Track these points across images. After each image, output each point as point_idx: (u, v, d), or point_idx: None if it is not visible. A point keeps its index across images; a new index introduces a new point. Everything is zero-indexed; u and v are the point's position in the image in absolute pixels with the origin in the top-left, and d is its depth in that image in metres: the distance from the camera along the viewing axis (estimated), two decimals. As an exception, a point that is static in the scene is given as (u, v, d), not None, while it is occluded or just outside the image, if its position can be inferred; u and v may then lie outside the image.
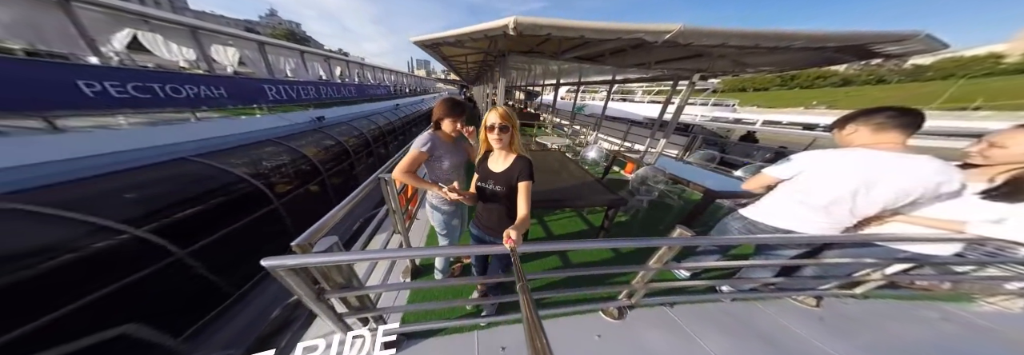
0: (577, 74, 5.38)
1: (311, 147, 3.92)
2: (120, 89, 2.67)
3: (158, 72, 3.20)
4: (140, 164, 2.27)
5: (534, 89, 12.97)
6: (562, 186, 1.98)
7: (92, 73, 2.53)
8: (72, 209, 1.66)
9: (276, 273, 0.65)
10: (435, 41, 1.90)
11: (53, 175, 1.87)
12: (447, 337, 1.13)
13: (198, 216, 2.19)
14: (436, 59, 3.87)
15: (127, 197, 1.98)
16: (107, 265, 1.65)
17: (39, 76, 2.26)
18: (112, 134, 2.50)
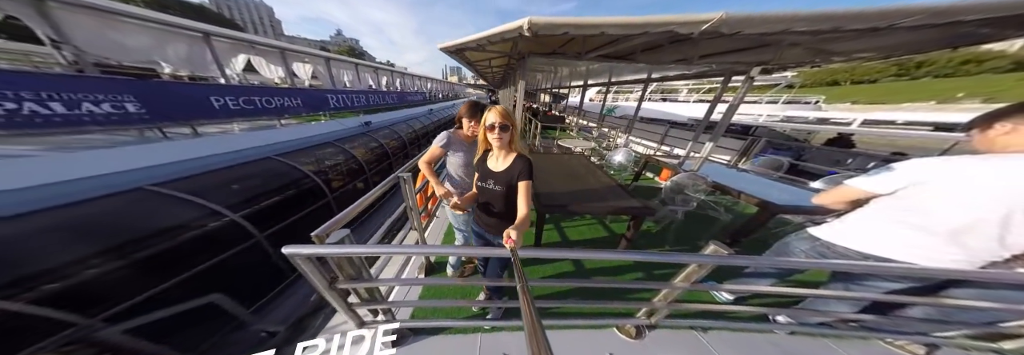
0: (607, 74, 5.13)
1: (359, 148, 4.53)
2: (234, 102, 3.51)
3: (258, 87, 4.10)
4: (242, 161, 2.91)
5: (560, 91, 12.81)
6: (581, 191, 1.89)
7: (218, 90, 3.37)
8: (198, 195, 2.24)
9: (294, 260, 0.69)
10: (458, 47, 2.03)
11: (191, 169, 2.55)
12: (451, 336, 1.15)
13: (274, 205, 2.70)
14: (463, 65, 4.12)
15: (232, 188, 2.57)
16: (212, 242, 2.14)
17: (190, 94, 3.12)
18: (227, 137, 3.27)
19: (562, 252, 0.79)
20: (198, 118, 3.19)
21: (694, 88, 15.24)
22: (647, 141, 6.51)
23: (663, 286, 1.00)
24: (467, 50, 2.22)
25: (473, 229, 1.16)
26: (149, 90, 2.74)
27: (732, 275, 1.45)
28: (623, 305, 1.11)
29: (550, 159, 2.68)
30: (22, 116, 2.11)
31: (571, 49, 2.40)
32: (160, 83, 3.05)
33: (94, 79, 2.46)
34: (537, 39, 1.63)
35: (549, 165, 2.43)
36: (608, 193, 1.87)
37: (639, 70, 3.86)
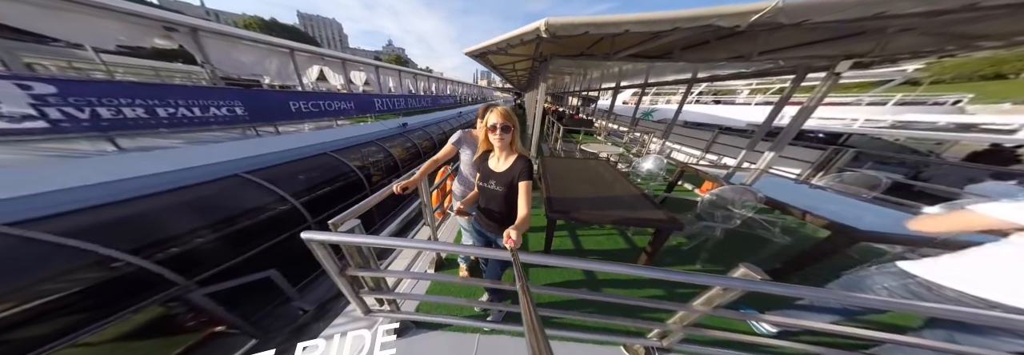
0: (644, 75, 4.76)
1: (397, 147, 5.05)
2: (306, 106, 4.26)
3: (323, 93, 4.93)
4: (307, 155, 3.49)
5: (590, 94, 12.29)
6: (599, 198, 1.80)
7: (295, 96, 4.14)
8: (273, 183, 2.78)
9: (310, 245, 0.76)
10: (481, 51, 2.14)
11: (269, 161, 3.19)
12: (451, 333, 1.18)
13: (325, 195, 3.16)
14: (490, 69, 4.28)
15: (298, 178, 3.13)
16: (276, 224, 2.59)
17: (277, 99, 3.90)
18: (298, 135, 3.98)
19: (568, 261, 0.74)
20: (280, 119, 3.97)
21: (760, 88, 13.13)
22: (689, 148, 5.83)
23: (680, 307, 0.90)
24: (490, 54, 2.32)
25: (475, 228, 1.17)
26: (251, 97, 3.52)
27: (780, 305, 1.23)
28: (634, 323, 1.02)
29: (570, 164, 2.59)
30: (178, 118, 2.94)
31: (599, 50, 2.33)
32: (258, 91, 3.89)
33: (220, 90, 3.27)
34: (559, 41, 1.62)
35: (567, 170, 2.37)
36: (630, 202, 1.74)
37: (682, 69, 3.51)
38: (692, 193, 3.33)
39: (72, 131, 2.29)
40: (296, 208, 2.78)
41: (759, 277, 0.72)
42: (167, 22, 2.96)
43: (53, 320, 1.54)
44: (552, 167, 2.31)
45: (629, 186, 2.04)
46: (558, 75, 6.67)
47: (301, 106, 4.18)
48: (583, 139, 6.15)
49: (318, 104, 4.48)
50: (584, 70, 5.16)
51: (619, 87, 7.42)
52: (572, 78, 7.52)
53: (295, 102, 4.10)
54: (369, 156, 4.36)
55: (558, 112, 11.37)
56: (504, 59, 3.32)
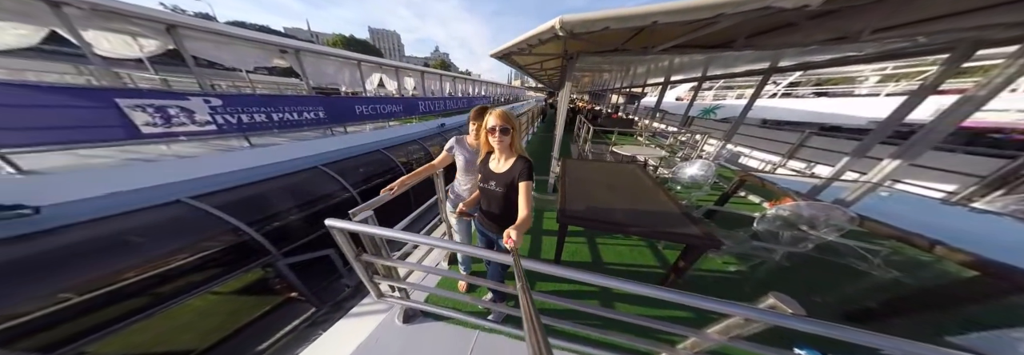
0: (701, 67, 4.04)
1: (435, 146, 5.59)
2: (367, 109, 5.07)
3: (379, 98, 5.73)
4: (365, 152, 4.18)
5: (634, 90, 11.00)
6: (623, 206, 1.65)
7: (360, 101, 4.96)
8: (341, 175, 3.46)
9: (332, 231, 0.86)
10: (504, 52, 2.15)
11: (339, 156, 3.94)
12: (452, 326, 1.25)
13: (374, 187, 3.73)
14: (518, 70, 4.26)
15: (359, 171, 3.81)
16: (337, 209, 3.17)
17: (347, 104, 4.73)
18: (360, 134, 4.76)
19: (572, 272, 0.71)
20: (349, 121, 4.84)
21: (898, 73, 9.64)
22: (764, 152, 4.75)
23: (692, 333, 0.81)
24: (514, 54, 2.33)
25: (479, 229, 1.20)
26: (329, 103, 4.38)
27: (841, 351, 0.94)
28: (641, 343, 0.95)
29: (595, 167, 2.44)
30: (285, 121, 3.89)
31: (637, 44, 2.10)
32: (335, 98, 4.79)
33: (310, 97, 4.18)
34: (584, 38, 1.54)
35: (590, 173, 2.23)
36: (659, 212, 1.55)
37: (756, 59, 2.85)
38: (759, 207, 2.75)
39: (228, 132, 3.28)
40: (353, 197, 3.39)
41: (789, 311, 0.60)
42: (281, 46, 3.92)
43: (204, 270, 2.25)
44: (573, 170, 2.22)
45: (661, 194, 1.83)
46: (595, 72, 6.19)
47: (363, 109, 5.02)
48: (618, 140, 5.64)
49: (376, 107, 5.30)
50: (627, 66, 4.65)
51: (668, 82, 6.46)
52: (613, 74, 6.91)
53: (359, 106, 4.95)
54: (412, 153, 4.98)
55: (593, 111, 10.56)
56: (530, 59, 3.28)
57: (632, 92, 11.50)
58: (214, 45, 3.42)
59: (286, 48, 3.98)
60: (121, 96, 2.51)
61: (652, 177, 2.19)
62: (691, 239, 1.30)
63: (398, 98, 6.21)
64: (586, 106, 13.94)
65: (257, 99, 3.50)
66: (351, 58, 5.07)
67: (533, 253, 1.97)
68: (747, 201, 3.14)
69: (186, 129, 2.91)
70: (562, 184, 1.88)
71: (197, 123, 3.00)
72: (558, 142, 2.88)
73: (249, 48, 3.71)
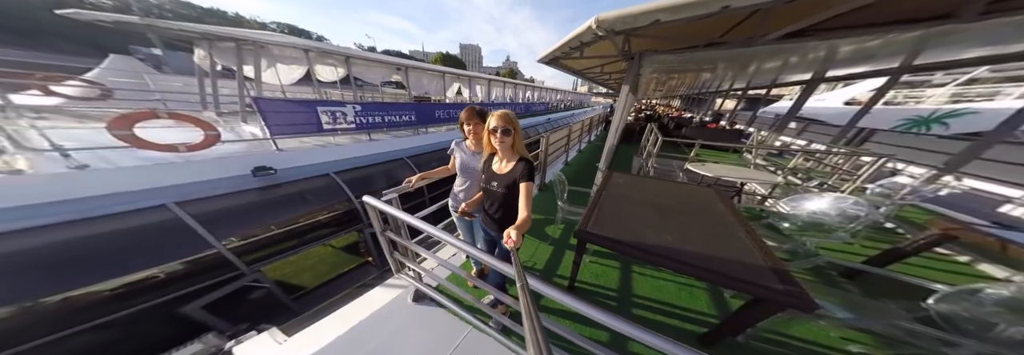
0: (904, 53, 2.33)
1: None
2: (443, 114, 5.91)
3: (449, 104, 6.53)
4: (436, 149, 4.96)
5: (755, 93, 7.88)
6: (673, 235, 1.28)
7: (438, 106, 5.83)
8: (417, 166, 4.24)
9: (366, 206, 0.99)
10: (551, 57, 1.97)
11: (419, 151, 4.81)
12: (449, 316, 1.27)
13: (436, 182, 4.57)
14: (574, 75, 3.81)
15: (432, 164, 4.58)
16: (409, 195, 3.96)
17: (430, 109, 5.66)
18: (437, 135, 5.66)
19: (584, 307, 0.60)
20: (430, 123, 5.79)
21: None
22: (1009, 186, 2.69)
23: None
24: (562, 59, 2.14)
25: (483, 229, 1.18)
26: (419, 108, 5.37)
27: None
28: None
29: (650, 185, 1.97)
30: (392, 122, 5.08)
31: (742, 33, 1.51)
32: (423, 104, 5.83)
33: (406, 104, 5.26)
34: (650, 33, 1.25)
35: (639, 192, 1.83)
36: (725, 250, 1.14)
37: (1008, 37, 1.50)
38: (967, 276, 1.63)
39: (360, 129, 4.56)
40: (420, 188, 4.21)
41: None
42: (397, 65, 5.12)
43: (329, 226, 3.24)
44: (617, 185, 1.90)
45: (739, 228, 1.35)
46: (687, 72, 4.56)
47: (441, 114, 5.90)
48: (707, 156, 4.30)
49: (449, 112, 6.12)
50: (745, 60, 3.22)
51: (822, 80, 4.15)
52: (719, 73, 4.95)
53: (438, 111, 5.85)
54: None
55: (679, 118, 8.47)
56: (587, 63, 2.93)
57: (754, 94, 8.44)
58: (365, 68, 4.79)
59: (400, 66, 5.17)
60: (319, 105, 3.87)
61: (734, 206, 1.63)
62: (761, 291, 0.92)
63: (465, 104, 6.97)
64: (670, 112, 11.43)
65: (376, 106, 4.67)
66: (437, 71, 6.04)
67: (550, 268, 1.75)
68: (944, 259, 1.90)
69: (341, 127, 4.22)
70: (596, 198, 1.63)
71: (347, 122, 4.29)
72: (607, 152, 2.53)
73: (380, 68, 5.01)
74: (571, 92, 18.17)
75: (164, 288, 2.19)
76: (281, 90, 5.32)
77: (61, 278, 1.88)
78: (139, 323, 2.13)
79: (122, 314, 2.03)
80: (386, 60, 5.03)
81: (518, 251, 0.69)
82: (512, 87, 9.78)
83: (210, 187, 2.67)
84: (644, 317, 1.37)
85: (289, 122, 3.54)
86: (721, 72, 4.03)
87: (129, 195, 2.27)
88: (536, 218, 2.44)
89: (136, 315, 2.08)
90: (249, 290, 2.64)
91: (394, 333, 1.21)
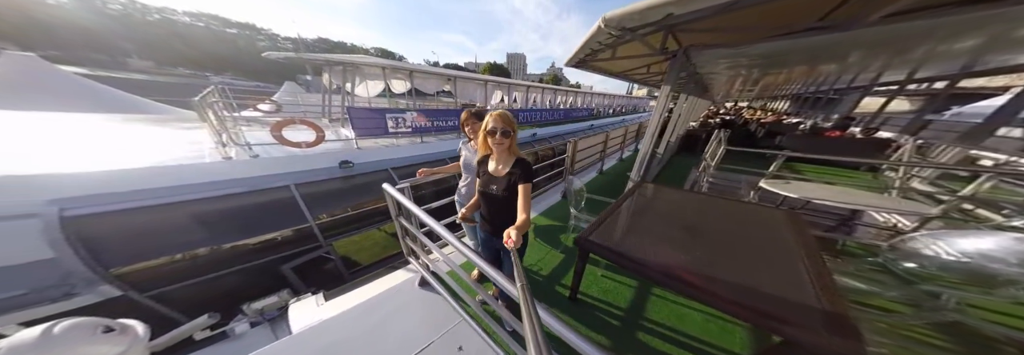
0: None
1: (526, 152, 6.18)
2: None
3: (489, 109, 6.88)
4: None
5: (919, 89, 5.03)
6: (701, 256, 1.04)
7: None
8: None
9: (385, 193, 1.11)
10: (577, 60, 1.75)
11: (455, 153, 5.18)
12: (445, 305, 1.30)
13: None
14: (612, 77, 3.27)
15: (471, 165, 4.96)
16: (448, 190, 4.28)
17: None
18: None
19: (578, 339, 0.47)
20: None
21: None
22: None
23: None
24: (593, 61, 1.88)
25: (479, 236, 1.14)
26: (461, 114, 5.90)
27: None
28: None
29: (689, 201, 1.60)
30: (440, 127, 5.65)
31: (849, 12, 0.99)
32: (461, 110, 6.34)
33: (449, 110, 5.74)
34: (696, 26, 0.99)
35: (670, 206, 1.53)
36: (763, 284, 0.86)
37: None
38: None
39: (415, 133, 5.26)
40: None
41: None
42: (447, 75, 5.70)
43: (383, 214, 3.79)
44: (644, 197, 1.63)
45: (800, 257, 1.02)
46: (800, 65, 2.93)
47: None
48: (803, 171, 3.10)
49: None
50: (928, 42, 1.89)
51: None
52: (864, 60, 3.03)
53: None
54: None
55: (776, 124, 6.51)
56: (626, 64, 2.49)
57: (927, 90, 5.58)
58: (423, 79, 5.53)
59: (449, 77, 5.71)
60: (388, 112, 4.66)
61: (808, 234, 1.19)
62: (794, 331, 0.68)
63: None
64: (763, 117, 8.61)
65: (428, 112, 5.28)
66: (480, 80, 6.37)
67: (555, 275, 1.63)
68: None
69: (401, 130, 4.96)
70: (613, 208, 1.44)
71: (406, 127, 5.02)
72: (641, 161, 2.18)
73: (435, 79, 5.68)
74: (621, 96, 16.07)
75: (277, 248, 3.01)
76: (368, 101, 6.61)
77: (232, 232, 2.80)
78: (255, 273, 2.87)
79: (254, 263, 2.83)
80: (438, 72, 5.65)
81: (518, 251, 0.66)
82: (551, 92, 9.48)
83: (313, 174, 3.55)
84: (658, 349, 1.14)
85: (367, 126, 4.39)
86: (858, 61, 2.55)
87: (273, 177, 3.23)
88: (551, 224, 2.33)
89: (261, 266, 2.88)
90: (323, 260, 3.30)
91: (395, 311, 1.35)
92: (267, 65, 14.51)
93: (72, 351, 0.96)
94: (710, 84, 4.11)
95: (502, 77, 7.99)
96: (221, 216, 2.77)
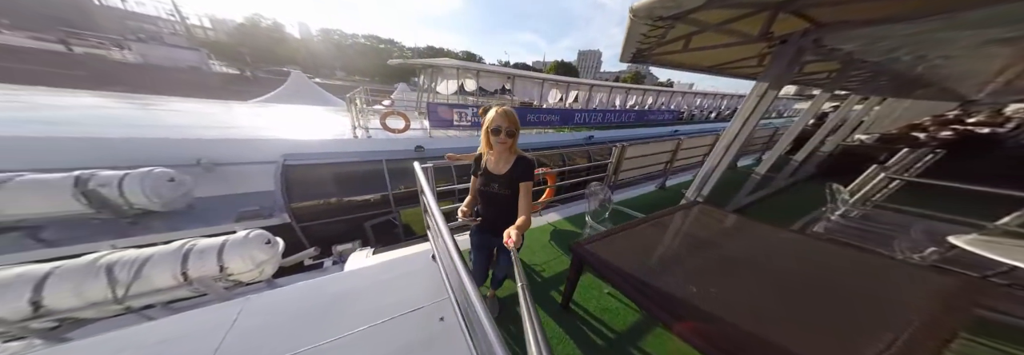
0: None
1: (576, 156, 5.56)
2: (534, 118, 6.05)
3: (542, 109, 6.38)
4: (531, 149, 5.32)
5: None
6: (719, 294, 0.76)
7: (528, 111, 6.02)
8: None
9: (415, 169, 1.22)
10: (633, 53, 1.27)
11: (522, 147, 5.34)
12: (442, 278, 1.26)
13: None
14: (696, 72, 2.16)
15: None
16: None
17: (522, 113, 5.91)
18: (523, 135, 5.98)
19: None
20: (523, 125, 6.11)
21: None
22: None
23: None
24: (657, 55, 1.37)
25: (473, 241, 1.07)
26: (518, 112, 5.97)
27: None
28: None
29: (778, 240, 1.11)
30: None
31: None
32: (516, 108, 6.23)
33: (517, 108, 5.86)
34: None
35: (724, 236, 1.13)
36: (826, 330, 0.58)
37: None
38: None
39: (473, 126, 5.70)
40: None
41: None
42: (507, 74, 5.88)
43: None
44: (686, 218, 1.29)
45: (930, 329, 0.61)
46: None
47: (531, 118, 6.08)
48: None
49: (539, 116, 6.17)
50: None
51: None
52: None
53: (529, 115, 6.06)
54: (547, 158, 5.44)
55: None
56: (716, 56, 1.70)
57: None
58: (487, 78, 5.90)
59: (509, 75, 5.88)
60: (455, 107, 5.28)
61: (973, 311, 0.68)
62: None
63: (557, 109, 6.66)
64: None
65: None
66: (537, 78, 6.13)
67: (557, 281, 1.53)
68: None
69: (462, 123, 5.54)
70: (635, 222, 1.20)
71: (466, 121, 5.56)
72: (702, 178, 1.66)
73: (497, 78, 5.95)
74: (733, 95, 11.43)
75: (365, 208, 3.98)
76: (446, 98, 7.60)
77: (349, 190, 3.92)
78: (349, 224, 3.83)
79: (351, 217, 3.83)
80: (499, 71, 5.86)
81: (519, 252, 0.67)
82: (622, 92, 8.06)
83: (397, 154, 4.53)
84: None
85: (437, 119, 5.12)
86: None
87: (374, 153, 4.33)
88: (570, 230, 2.19)
89: (354, 220, 3.84)
90: (390, 224, 4.13)
91: (404, 275, 1.56)
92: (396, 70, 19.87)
93: (250, 250, 1.68)
94: (944, 76, 2.18)
95: (569, 76, 7.41)
96: (346, 177, 3.94)
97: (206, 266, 1.58)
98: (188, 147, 3.20)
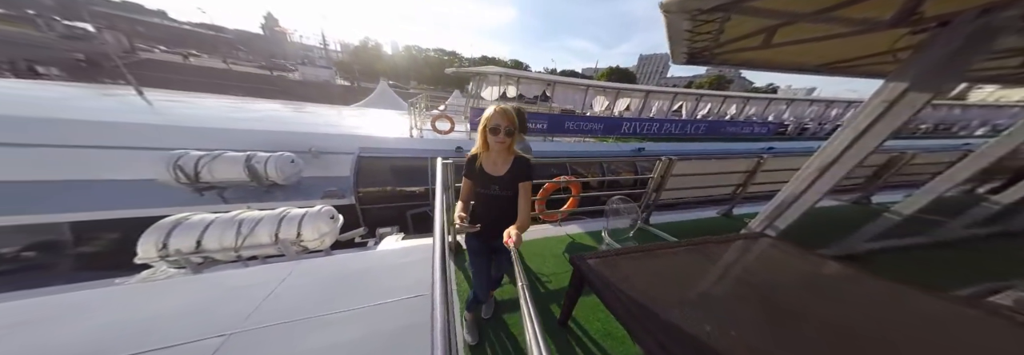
0: None
1: (622, 169, 5.13)
2: (572, 125, 5.70)
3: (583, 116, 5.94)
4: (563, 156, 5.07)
5: None
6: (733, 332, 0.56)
7: (569, 118, 5.71)
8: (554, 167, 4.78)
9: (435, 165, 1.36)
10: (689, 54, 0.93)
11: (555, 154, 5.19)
12: None
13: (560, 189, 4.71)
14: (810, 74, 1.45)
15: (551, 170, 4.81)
16: None
17: (561, 119, 5.70)
18: (559, 143, 5.63)
19: None
20: (557, 133, 5.82)
21: None
22: None
23: None
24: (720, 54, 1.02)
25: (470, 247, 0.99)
26: (551, 119, 5.63)
27: None
28: None
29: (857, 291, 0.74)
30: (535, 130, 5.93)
31: None
32: (554, 115, 5.93)
33: (543, 114, 5.68)
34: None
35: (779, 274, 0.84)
36: None
37: None
38: None
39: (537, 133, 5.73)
40: None
41: None
42: (547, 81, 5.77)
43: None
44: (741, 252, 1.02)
45: None
46: None
47: (570, 125, 5.76)
48: None
49: (578, 124, 5.77)
50: None
51: None
52: None
53: (567, 122, 5.75)
54: (581, 166, 5.05)
55: None
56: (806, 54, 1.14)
57: None
58: (527, 85, 5.93)
59: (549, 82, 5.80)
60: None
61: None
62: None
63: (600, 117, 6.12)
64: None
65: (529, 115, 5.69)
66: (579, 84, 5.77)
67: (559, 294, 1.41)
68: None
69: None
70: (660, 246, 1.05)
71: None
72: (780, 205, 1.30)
73: (536, 84, 5.91)
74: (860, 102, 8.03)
75: (409, 198, 4.53)
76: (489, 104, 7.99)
77: (400, 181, 4.61)
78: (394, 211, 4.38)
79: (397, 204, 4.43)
80: (539, 77, 5.79)
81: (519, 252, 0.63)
82: (693, 99, 6.75)
83: (441, 153, 4.98)
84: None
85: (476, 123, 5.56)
86: None
87: (423, 150, 4.89)
88: (585, 244, 2.00)
89: (399, 208, 4.41)
90: (426, 215, 4.54)
91: (415, 262, 1.67)
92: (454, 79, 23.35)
93: (318, 222, 2.11)
94: None
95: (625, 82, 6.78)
96: (400, 170, 4.58)
97: (289, 231, 2.07)
98: (306, 138, 4.17)
